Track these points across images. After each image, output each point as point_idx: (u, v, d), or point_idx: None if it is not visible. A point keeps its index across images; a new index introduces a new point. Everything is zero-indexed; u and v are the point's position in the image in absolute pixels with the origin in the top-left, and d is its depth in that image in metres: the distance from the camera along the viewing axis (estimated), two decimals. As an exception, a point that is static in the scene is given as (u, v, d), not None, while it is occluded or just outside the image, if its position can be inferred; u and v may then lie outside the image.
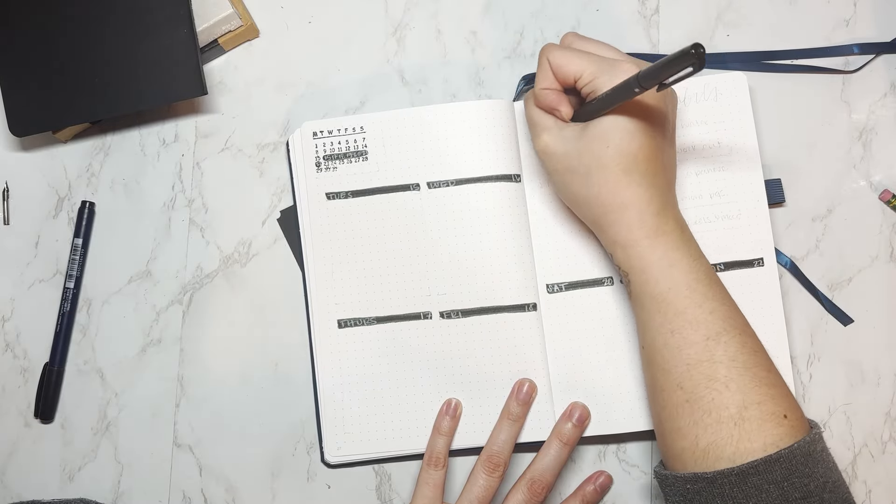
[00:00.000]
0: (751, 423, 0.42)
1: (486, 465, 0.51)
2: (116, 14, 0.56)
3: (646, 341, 0.47)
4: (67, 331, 0.58)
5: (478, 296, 0.54)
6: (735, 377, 0.43)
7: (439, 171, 0.55)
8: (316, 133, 0.56)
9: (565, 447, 0.52)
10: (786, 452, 0.41)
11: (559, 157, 0.48)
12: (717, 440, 0.42)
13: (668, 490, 0.45)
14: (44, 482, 0.57)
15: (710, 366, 0.43)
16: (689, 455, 0.44)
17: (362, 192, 0.56)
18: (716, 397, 0.43)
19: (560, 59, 0.47)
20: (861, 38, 0.57)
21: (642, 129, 0.46)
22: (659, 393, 0.46)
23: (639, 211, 0.46)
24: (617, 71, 0.45)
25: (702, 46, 0.37)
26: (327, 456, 0.54)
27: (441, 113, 0.55)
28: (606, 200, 0.46)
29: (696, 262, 0.46)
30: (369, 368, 0.55)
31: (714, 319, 0.44)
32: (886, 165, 0.56)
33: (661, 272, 0.45)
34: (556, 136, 0.48)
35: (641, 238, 0.46)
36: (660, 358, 0.45)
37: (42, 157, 0.60)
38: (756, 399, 0.43)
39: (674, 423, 0.44)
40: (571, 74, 0.47)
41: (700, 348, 0.44)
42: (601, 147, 0.46)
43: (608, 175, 0.46)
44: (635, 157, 0.45)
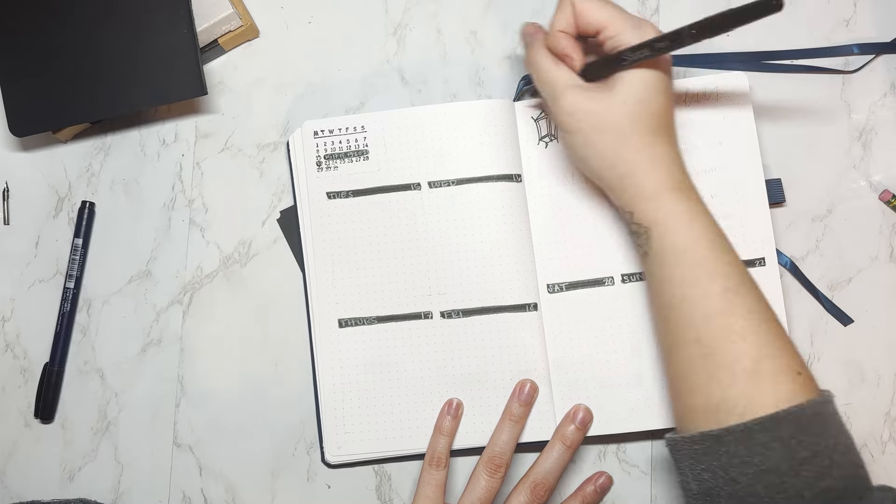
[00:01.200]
0: (765, 377, 0.41)
1: (488, 467, 0.51)
2: (116, 14, 0.56)
3: (663, 299, 0.46)
4: (67, 331, 0.58)
5: (478, 296, 0.54)
6: (753, 329, 0.42)
7: (440, 171, 0.55)
8: (317, 132, 0.56)
9: (568, 450, 0.52)
10: (794, 409, 0.40)
11: (586, 115, 0.46)
12: (729, 395, 0.42)
13: (677, 455, 0.45)
14: (44, 482, 0.57)
15: (729, 317, 0.43)
16: (700, 413, 0.43)
17: (363, 192, 0.56)
18: (732, 349, 0.42)
19: (588, 4, 0.46)
20: (861, 39, 0.57)
21: (667, 88, 0.46)
22: (675, 351, 0.45)
23: (668, 166, 0.46)
24: (643, 28, 0.45)
25: None
26: (327, 456, 0.54)
27: (442, 113, 0.55)
28: (638, 157, 0.46)
29: (712, 218, 0.46)
30: (370, 368, 0.55)
31: (733, 272, 0.44)
32: (886, 165, 0.56)
33: (683, 224, 0.45)
34: (582, 93, 0.46)
35: (669, 190, 0.45)
36: (677, 313, 0.45)
37: (42, 157, 0.60)
38: (772, 352, 0.42)
39: (689, 380, 0.44)
40: (596, 23, 0.46)
41: (719, 299, 0.43)
42: (633, 104, 0.45)
43: (639, 131, 0.45)
44: (661, 114, 0.46)
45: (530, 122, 0.55)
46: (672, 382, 0.46)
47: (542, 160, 0.55)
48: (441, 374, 0.54)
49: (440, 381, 0.54)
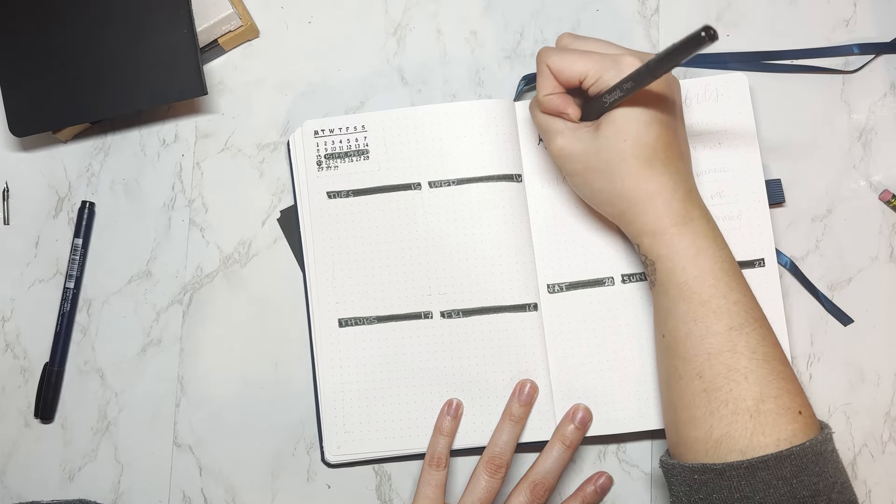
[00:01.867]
0: (766, 417, 0.42)
1: (488, 467, 0.51)
2: (116, 14, 0.56)
3: (667, 329, 0.46)
4: (67, 331, 0.58)
5: (478, 296, 0.54)
6: (755, 369, 0.43)
7: (440, 171, 0.55)
8: (317, 132, 0.56)
9: (567, 449, 0.52)
10: (797, 449, 0.41)
11: (577, 157, 0.47)
12: (731, 431, 0.42)
13: (673, 480, 0.45)
14: (44, 482, 0.57)
15: (732, 356, 0.43)
16: (700, 445, 0.43)
17: (363, 192, 0.56)
18: (734, 388, 0.43)
19: (560, 62, 0.47)
20: (861, 39, 0.57)
21: (656, 118, 0.46)
22: (676, 381, 0.45)
23: (665, 199, 0.45)
24: (621, 65, 0.45)
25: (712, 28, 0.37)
26: (327, 455, 0.54)
27: (443, 112, 0.55)
28: (631, 193, 0.46)
29: (722, 251, 0.46)
30: (370, 368, 0.55)
31: (738, 310, 0.44)
32: (886, 165, 0.56)
33: (688, 260, 0.45)
34: (571, 137, 0.48)
35: (669, 226, 0.45)
36: (681, 346, 0.45)
37: (42, 157, 0.60)
38: (773, 392, 0.43)
39: (689, 412, 0.44)
40: (576, 76, 0.47)
41: (722, 338, 0.44)
42: (619, 141, 0.45)
43: (630, 168, 0.45)
44: (654, 147, 0.45)
45: (531, 122, 0.55)
46: (670, 410, 0.47)
47: (542, 160, 0.55)
48: (441, 374, 0.54)
49: (440, 381, 0.54)
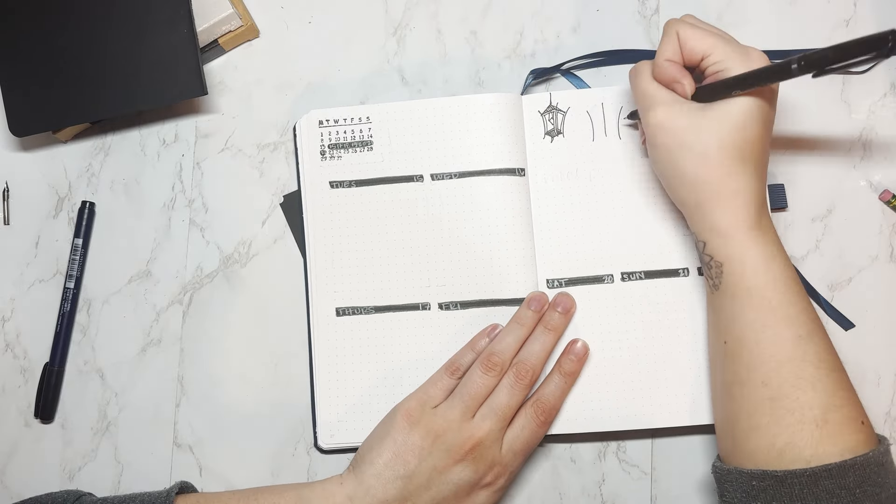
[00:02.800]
0: (832, 427, 0.42)
1: (484, 364, 0.50)
2: (116, 14, 0.56)
3: (731, 335, 0.46)
4: (67, 331, 0.58)
5: (477, 288, 0.54)
6: (822, 378, 0.43)
7: (443, 163, 0.55)
8: (322, 122, 0.57)
9: (552, 333, 0.51)
10: (861, 459, 0.41)
11: (676, 131, 0.46)
12: (795, 441, 0.42)
13: (727, 486, 0.45)
14: (44, 482, 0.57)
15: (800, 365, 0.43)
16: (762, 454, 0.43)
17: (366, 182, 0.56)
18: (801, 396, 0.42)
19: (692, 33, 0.46)
20: (861, 38, 0.57)
21: (765, 117, 0.45)
22: (739, 389, 0.45)
23: (747, 201, 0.45)
24: (749, 55, 0.45)
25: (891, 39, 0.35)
26: (320, 441, 0.55)
27: (448, 105, 0.55)
28: (718, 185, 0.45)
29: (788, 260, 0.46)
30: (366, 357, 0.55)
31: (805, 319, 0.44)
32: (886, 165, 0.56)
33: (760, 265, 0.45)
34: (676, 110, 0.46)
35: (746, 228, 0.45)
36: (747, 353, 0.45)
37: (42, 157, 0.60)
38: (839, 403, 0.42)
39: (752, 420, 0.44)
40: (701, 51, 0.46)
41: (791, 346, 0.43)
42: (728, 128, 0.44)
43: (725, 158, 0.45)
44: (754, 145, 0.45)
45: (537, 116, 0.56)
46: (729, 417, 0.46)
47: (546, 155, 0.55)
48: (437, 366, 0.54)
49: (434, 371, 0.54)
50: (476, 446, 0.48)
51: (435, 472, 0.47)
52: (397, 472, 0.47)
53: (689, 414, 0.52)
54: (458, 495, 0.48)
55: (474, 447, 0.48)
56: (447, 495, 0.48)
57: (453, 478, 0.48)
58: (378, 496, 0.47)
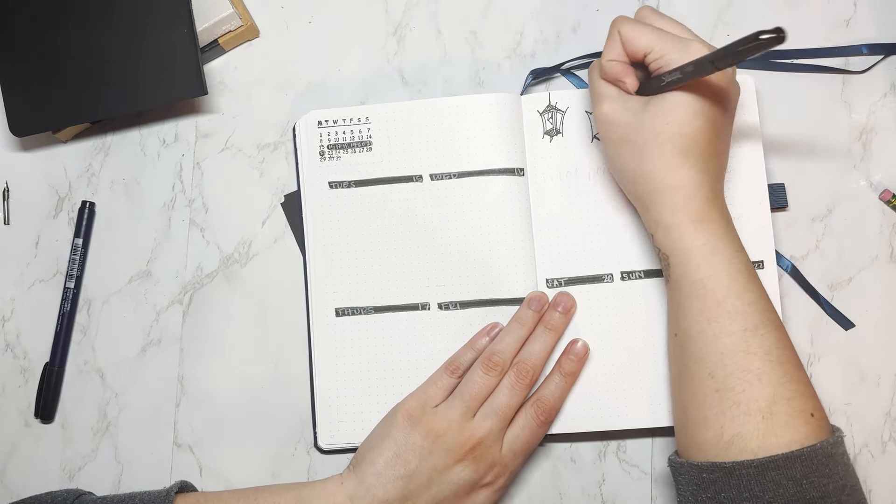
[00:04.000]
0: (779, 418, 0.42)
1: (485, 364, 0.50)
2: (116, 14, 0.56)
3: (680, 328, 0.46)
4: (67, 331, 0.58)
5: (476, 288, 0.54)
6: (768, 370, 0.43)
7: (442, 164, 0.55)
8: (321, 122, 0.57)
9: (552, 333, 0.51)
10: (808, 450, 0.41)
11: (617, 126, 0.47)
12: (742, 432, 0.42)
13: (681, 479, 0.45)
14: (44, 482, 0.57)
15: (745, 357, 0.43)
16: (711, 446, 0.43)
17: (365, 182, 0.56)
18: (747, 389, 0.43)
19: (631, 31, 0.47)
20: (861, 39, 0.57)
21: (705, 111, 0.45)
22: (688, 381, 0.45)
23: (687, 194, 0.45)
24: (689, 49, 0.45)
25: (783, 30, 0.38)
26: (320, 442, 0.55)
27: (448, 105, 0.55)
28: (657, 178, 0.46)
29: (739, 253, 0.45)
30: (365, 357, 0.55)
31: (752, 311, 0.44)
32: (886, 165, 0.56)
33: (703, 258, 0.45)
34: (619, 105, 0.47)
35: (686, 222, 0.45)
36: (693, 345, 0.45)
37: (42, 157, 0.60)
38: (786, 394, 0.42)
39: (700, 412, 0.44)
40: (642, 48, 0.47)
41: (737, 338, 0.44)
42: (662, 123, 0.45)
43: (664, 153, 0.45)
44: (694, 139, 0.45)
45: (536, 116, 0.56)
46: (681, 410, 0.46)
47: (546, 154, 0.55)
48: (437, 365, 0.54)
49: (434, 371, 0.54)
50: (476, 446, 0.48)
51: (435, 472, 0.47)
52: (398, 472, 0.47)
53: None
54: (458, 495, 0.48)
55: (475, 447, 0.48)
56: (447, 495, 0.48)
57: (454, 477, 0.48)
58: (379, 496, 0.47)
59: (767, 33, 0.38)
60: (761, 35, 0.38)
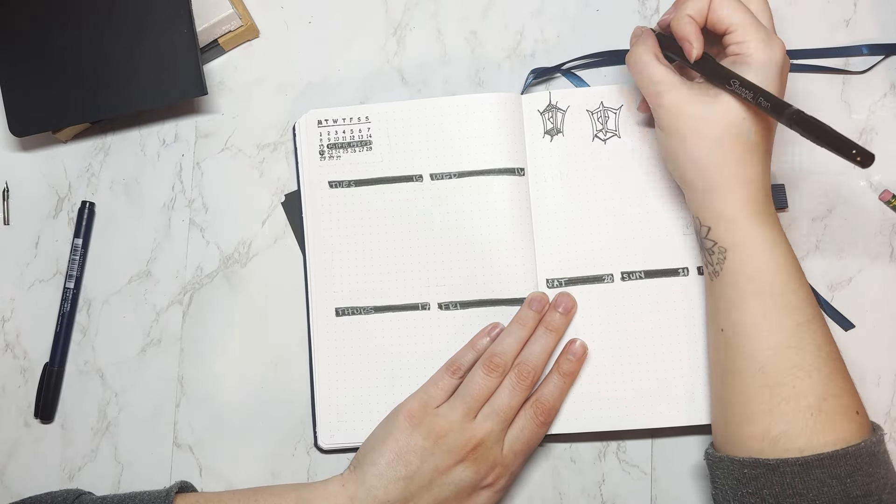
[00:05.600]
0: (827, 416, 0.42)
1: (486, 365, 0.50)
2: (116, 14, 0.56)
3: (729, 323, 0.46)
4: (67, 331, 0.58)
5: (477, 288, 0.54)
6: (819, 366, 0.43)
7: (443, 163, 0.55)
8: (321, 121, 0.57)
9: (553, 334, 0.51)
10: (853, 449, 0.41)
11: (688, 119, 0.46)
12: (790, 430, 0.42)
13: (719, 473, 0.45)
14: (44, 482, 0.57)
15: (798, 353, 0.43)
16: (755, 442, 0.43)
17: (365, 182, 0.56)
18: (798, 384, 0.43)
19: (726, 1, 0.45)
20: (861, 39, 0.57)
21: None
22: (734, 376, 0.45)
23: (756, 188, 0.45)
24: (772, 45, 0.44)
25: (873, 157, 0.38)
26: (320, 442, 0.55)
27: (448, 105, 0.55)
28: (730, 173, 0.45)
29: (790, 249, 0.46)
30: (365, 357, 0.55)
31: (806, 306, 0.44)
32: (886, 165, 0.56)
33: (765, 252, 0.45)
34: (687, 95, 0.46)
35: (751, 215, 0.45)
36: (744, 340, 0.45)
37: (42, 157, 0.60)
38: (835, 391, 0.43)
39: (746, 408, 0.44)
40: (728, 22, 0.45)
41: (790, 334, 0.44)
42: (738, 117, 0.45)
43: (738, 146, 0.45)
44: (764, 135, 0.45)
45: (536, 116, 0.56)
46: (723, 405, 0.46)
47: (546, 154, 0.55)
48: (436, 365, 0.54)
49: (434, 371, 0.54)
50: (477, 447, 0.48)
51: (437, 473, 0.47)
52: (399, 473, 0.47)
53: (688, 414, 0.52)
54: (459, 496, 0.48)
55: (476, 447, 0.48)
56: (448, 496, 0.48)
57: (455, 478, 0.48)
58: (380, 497, 0.47)
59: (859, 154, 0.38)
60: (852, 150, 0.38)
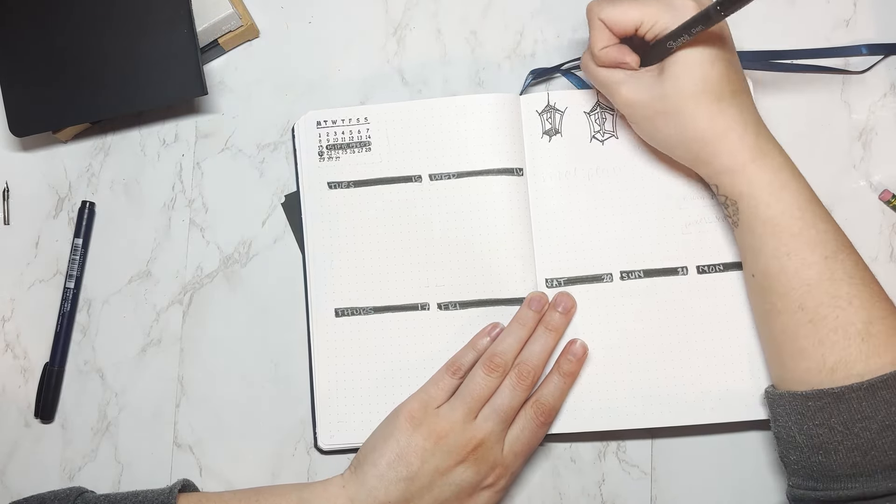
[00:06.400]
0: (878, 339, 0.43)
1: (486, 365, 0.50)
2: (116, 14, 0.56)
3: (757, 268, 0.47)
4: (67, 331, 0.58)
5: (476, 288, 0.54)
6: (857, 293, 0.44)
7: (442, 164, 0.55)
8: (320, 122, 0.57)
9: (553, 334, 0.51)
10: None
11: (645, 104, 0.48)
12: (845, 357, 0.43)
13: (779, 410, 0.46)
14: (44, 482, 0.57)
15: (832, 284, 0.44)
16: (813, 375, 0.44)
17: (364, 183, 0.56)
18: (840, 315, 0.43)
19: (614, 13, 0.47)
20: (860, 39, 0.57)
21: (719, 55, 0.46)
22: (776, 317, 0.46)
23: (739, 134, 0.46)
24: (675, 6, 0.46)
25: None
26: (320, 443, 0.55)
27: (447, 105, 0.55)
28: (704, 133, 0.46)
29: (801, 181, 0.46)
30: (365, 358, 0.55)
31: (828, 238, 0.45)
32: (886, 165, 0.56)
33: (772, 195, 0.45)
34: (635, 85, 0.48)
35: (748, 162, 0.46)
36: (776, 282, 0.45)
37: (42, 157, 0.60)
38: (880, 314, 0.43)
39: (795, 344, 0.45)
40: (632, 24, 0.47)
41: (820, 268, 0.44)
42: (686, 82, 0.46)
43: (699, 107, 0.46)
44: (720, 83, 0.46)
45: (535, 116, 0.56)
46: (772, 344, 0.47)
47: (545, 154, 0.55)
48: (437, 366, 0.54)
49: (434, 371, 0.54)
50: (478, 447, 0.48)
51: (437, 474, 0.47)
52: (400, 474, 0.47)
53: (688, 414, 0.52)
54: (459, 496, 0.48)
55: (476, 448, 0.48)
56: (449, 496, 0.48)
57: (455, 479, 0.48)
58: (380, 498, 0.47)
59: None
60: None
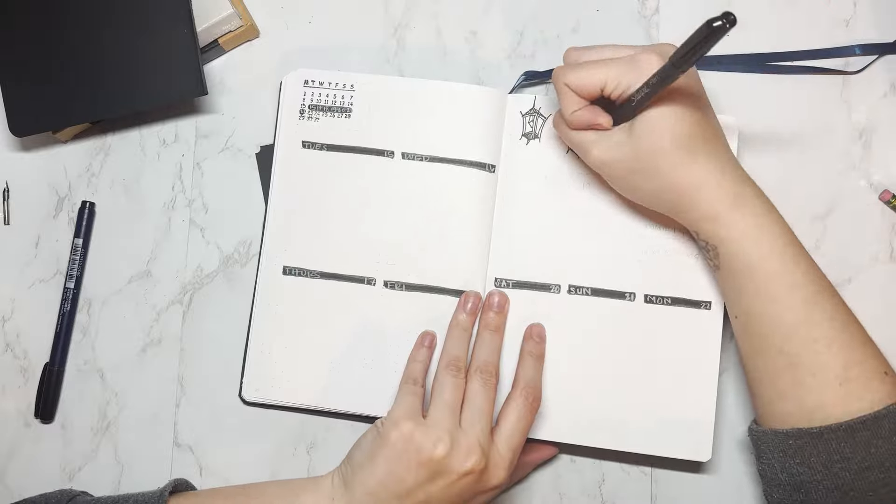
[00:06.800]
0: (856, 383, 0.43)
1: (450, 369, 0.49)
2: (116, 14, 0.56)
3: (740, 310, 0.47)
4: (67, 331, 0.58)
5: (425, 273, 0.54)
6: (836, 336, 0.44)
7: (417, 144, 0.55)
8: (307, 81, 0.57)
9: (495, 333, 0.52)
10: (893, 408, 0.42)
11: (617, 164, 0.48)
12: (823, 401, 0.43)
13: (763, 447, 0.46)
14: (44, 482, 0.57)
15: (811, 327, 0.44)
16: (794, 418, 0.44)
17: (337, 148, 0.56)
18: (818, 359, 0.43)
19: (578, 78, 0.47)
20: (861, 39, 0.57)
21: (688, 109, 0.46)
22: (757, 358, 0.46)
23: (714, 184, 0.46)
24: (640, 65, 0.45)
25: (731, 14, 0.37)
26: (244, 393, 0.55)
27: (434, 88, 0.56)
28: (680, 186, 0.46)
29: (781, 225, 0.46)
30: (305, 321, 0.55)
31: (808, 281, 0.45)
32: (886, 165, 0.56)
33: (751, 240, 0.45)
34: (606, 145, 0.48)
35: (727, 208, 0.46)
36: (757, 324, 0.46)
37: (42, 157, 0.60)
38: (859, 358, 0.43)
39: (776, 386, 0.45)
40: (597, 87, 0.47)
41: (799, 311, 0.44)
42: (656, 140, 0.46)
43: (672, 162, 0.46)
44: (691, 137, 0.46)
45: (518, 117, 0.55)
46: (756, 386, 0.47)
47: (520, 156, 0.55)
48: (372, 341, 0.54)
49: (371, 348, 0.54)
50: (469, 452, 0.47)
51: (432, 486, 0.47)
52: (391, 491, 0.46)
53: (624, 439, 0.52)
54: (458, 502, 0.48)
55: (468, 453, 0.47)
56: None
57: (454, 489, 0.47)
58: None
59: (717, 20, 0.38)
60: (713, 23, 0.38)
